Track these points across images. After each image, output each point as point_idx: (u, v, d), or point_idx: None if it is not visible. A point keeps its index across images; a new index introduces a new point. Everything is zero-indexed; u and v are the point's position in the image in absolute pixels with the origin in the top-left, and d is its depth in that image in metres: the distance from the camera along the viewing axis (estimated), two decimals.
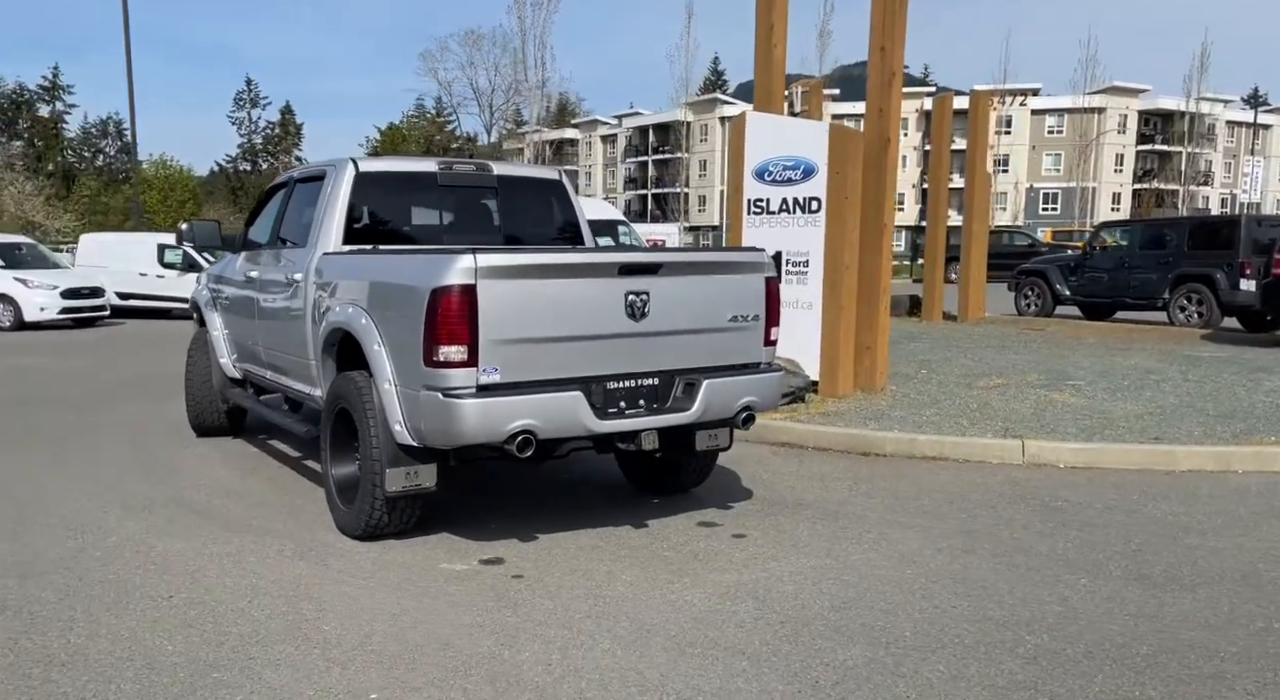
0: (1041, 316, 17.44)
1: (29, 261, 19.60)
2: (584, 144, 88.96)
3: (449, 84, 46.21)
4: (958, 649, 3.71)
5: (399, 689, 3.27)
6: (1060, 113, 69.61)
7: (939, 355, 11.74)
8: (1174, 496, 5.98)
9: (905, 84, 9.84)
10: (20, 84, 79.26)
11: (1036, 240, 34.41)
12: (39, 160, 73.07)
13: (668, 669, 3.48)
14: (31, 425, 8.25)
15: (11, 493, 5.92)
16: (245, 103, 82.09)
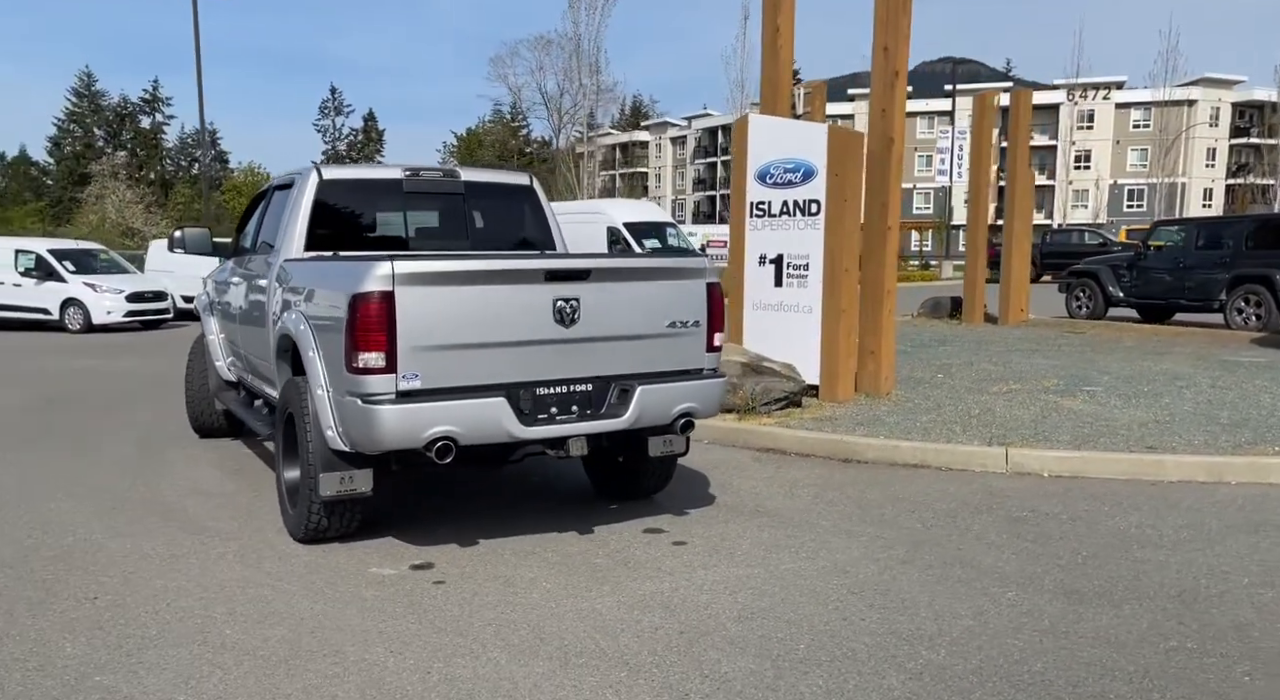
0: (1092, 319, 16.90)
1: (100, 267, 20.53)
2: (654, 146, 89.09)
3: (518, 89, 46.59)
4: (846, 663, 3.67)
5: (274, 695, 3.36)
6: (1146, 106, 67.20)
7: (962, 359, 11.49)
8: (1148, 508, 5.78)
9: (984, 79, 9.61)
10: (124, 97, 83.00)
11: (1110, 239, 33.26)
12: (140, 169, 76.42)
13: (543, 680, 3.51)
14: (51, 424, 8.66)
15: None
16: (330, 111, 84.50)
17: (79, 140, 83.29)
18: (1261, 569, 4.69)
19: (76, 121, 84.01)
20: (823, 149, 8.61)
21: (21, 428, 8.55)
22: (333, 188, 5.89)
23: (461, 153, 70.39)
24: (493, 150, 66.01)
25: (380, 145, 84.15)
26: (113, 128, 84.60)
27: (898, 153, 8.90)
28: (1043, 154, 73.78)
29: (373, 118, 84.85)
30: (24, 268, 19.96)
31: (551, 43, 42.43)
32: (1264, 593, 4.38)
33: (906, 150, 73.60)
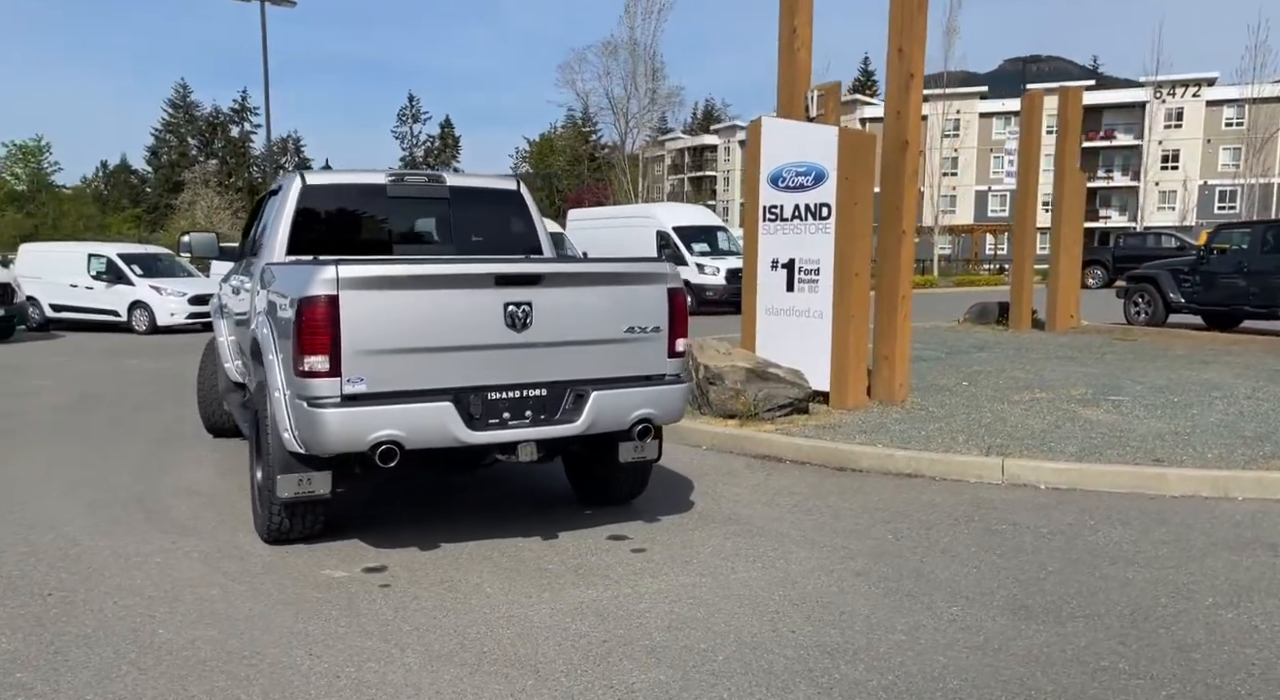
0: (1152, 326, 16.29)
1: (165, 271, 21.30)
2: (722, 149, 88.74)
3: (586, 95, 46.83)
4: (759, 676, 3.61)
5: (169, 699, 3.43)
6: (1238, 103, 64.53)
7: (994, 367, 11.21)
8: (1137, 523, 5.56)
9: (1072, 76, 9.31)
10: (216, 108, 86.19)
11: (1188, 243, 32.03)
12: (229, 176, 79.23)
13: (447, 686, 3.51)
14: (77, 422, 9.01)
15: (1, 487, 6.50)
16: (408, 118, 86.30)
17: (174, 149, 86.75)
18: (1232, 589, 4.48)
19: (172, 131, 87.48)
20: (833, 152, 8.49)
21: (48, 425, 8.91)
22: (317, 192, 6.01)
23: (534, 158, 71.16)
24: (564, 155, 66.56)
25: (456, 151, 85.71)
26: (205, 137, 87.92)
27: (913, 156, 8.72)
28: (1126, 154, 71.53)
29: (449, 124, 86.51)
30: (96, 271, 20.82)
31: (618, 48, 42.55)
32: (1224, 613, 4.18)
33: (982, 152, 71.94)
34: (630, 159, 43.71)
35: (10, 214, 63.20)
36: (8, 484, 6.60)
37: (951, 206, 68.76)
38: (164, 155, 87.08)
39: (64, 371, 13.54)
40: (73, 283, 21.01)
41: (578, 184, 60.40)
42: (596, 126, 58.47)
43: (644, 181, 41.74)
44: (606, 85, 44.69)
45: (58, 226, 60.50)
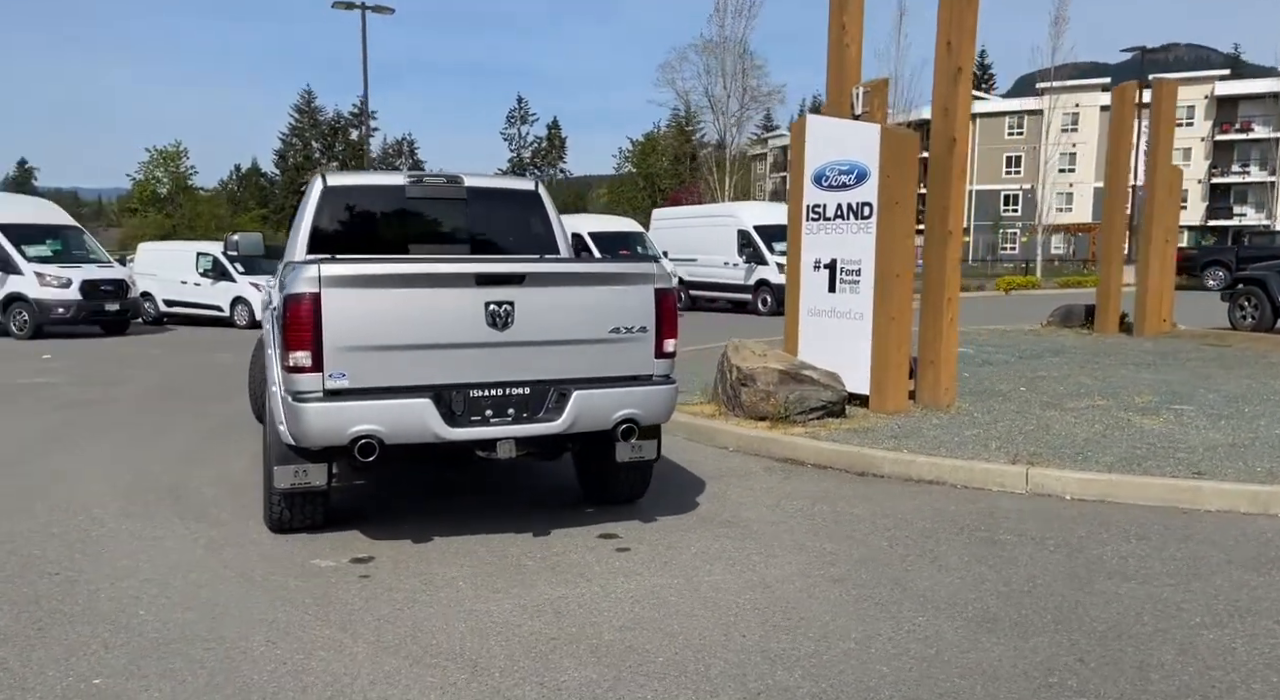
0: (1258, 331, 15.38)
1: (267, 268, 22.27)
2: None
3: (686, 94, 46.75)
4: (691, 678, 3.59)
5: (128, 676, 3.57)
6: None
7: (1062, 373, 10.80)
8: (1156, 537, 5.30)
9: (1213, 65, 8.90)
10: (338, 112, 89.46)
11: None
12: None
13: (383, 677, 3.59)
14: (148, 412, 9.51)
15: (55, 470, 6.91)
16: (516, 119, 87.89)
17: (299, 152, 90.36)
18: (1227, 609, 4.23)
19: (298, 136, 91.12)
20: (875, 150, 8.33)
21: (121, 414, 9.44)
22: (337, 193, 6.22)
23: (636, 158, 71.55)
24: (667, 155, 66.73)
25: (563, 152, 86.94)
26: (327, 140, 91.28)
27: (960, 153, 8.48)
28: (1264, 147, 67.49)
29: (556, 126, 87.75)
30: (203, 269, 21.94)
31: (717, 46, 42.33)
32: (1205, 634, 3.96)
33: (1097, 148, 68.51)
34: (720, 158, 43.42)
35: (153, 214, 67.15)
36: (63, 468, 7.03)
37: (1068, 204, 66.24)
38: (290, 158, 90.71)
39: (158, 364, 14.32)
40: (183, 279, 22.19)
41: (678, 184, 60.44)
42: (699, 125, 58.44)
43: (731, 180, 41.38)
44: (706, 84, 44.52)
45: (193, 226, 63.84)
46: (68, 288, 18.71)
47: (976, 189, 74.13)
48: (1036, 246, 43.15)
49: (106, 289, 19.34)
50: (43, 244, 19.62)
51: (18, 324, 18.72)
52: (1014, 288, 34.08)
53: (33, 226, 19.79)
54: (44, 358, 15.27)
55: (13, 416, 9.44)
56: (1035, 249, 43.66)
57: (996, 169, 74.25)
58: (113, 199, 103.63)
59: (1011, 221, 72.56)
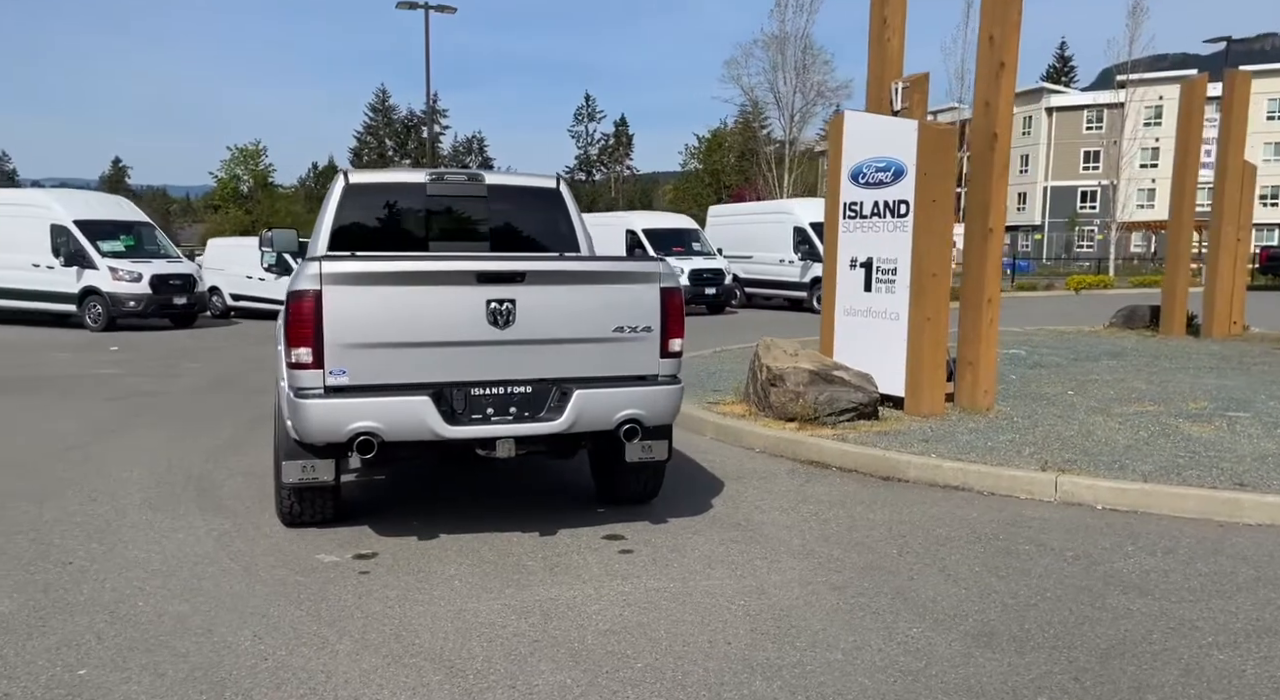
0: None
1: None
2: None
3: (751, 89, 46.36)
4: (665, 686, 3.53)
5: (112, 668, 3.62)
6: None
7: (1116, 376, 10.44)
8: (1183, 551, 5.07)
9: None
10: (411, 111, 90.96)
11: None
12: None
13: (359, 675, 3.58)
14: (196, 404, 9.75)
15: (95, 458, 7.11)
16: (584, 117, 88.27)
17: (373, 150, 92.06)
18: (1245, 629, 4.02)
19: (372, 134, 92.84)
20: (913, 146, 8.13)
21: (171, 406, 9.69)
22: (359, 191, 6.27)
23: (702, 154, 71.24)
24: (734, 151, 66.27)
25: (629, 149, 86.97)
26: (401, 138, 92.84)
27: (1002, 150, 8.24)
28: None
29: (624, 122, 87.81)
30: (267, 264, 22.41)
31: (783, 41, 41.91)
32: (1216, 655, 3.77)
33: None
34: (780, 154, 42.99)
35: (234, 211, 69.24)
36: (101, 458, 7.23)
37: (1149, 200, 64.13)
38: (364, 156, 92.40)
39: (216, 357, 14.69)
40: (248, 274, 22.72)
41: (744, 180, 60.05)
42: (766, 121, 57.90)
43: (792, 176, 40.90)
44: (772, 80, 44.12)
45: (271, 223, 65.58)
46: (138, 282, 19.32)
47: (1052, 185, 72.29)
48: (1109, 244, 41.83)
49: (175, 283, 19.92)
50: (117, 240, 20.29)
51: (92, 316, 19.40)
52: (1084, 287, 33.17)
53: (108, 222, 20.46)
54: (111, 349, 15.80)
55: (72, 406, 9.75)
56: (1109, 246, 42.34)
57: (1074, 164, 72.18)
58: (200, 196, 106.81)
59: (1089, 218, 70.52)
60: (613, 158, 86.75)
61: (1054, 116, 72.30)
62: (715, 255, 23.52)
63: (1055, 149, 71.97)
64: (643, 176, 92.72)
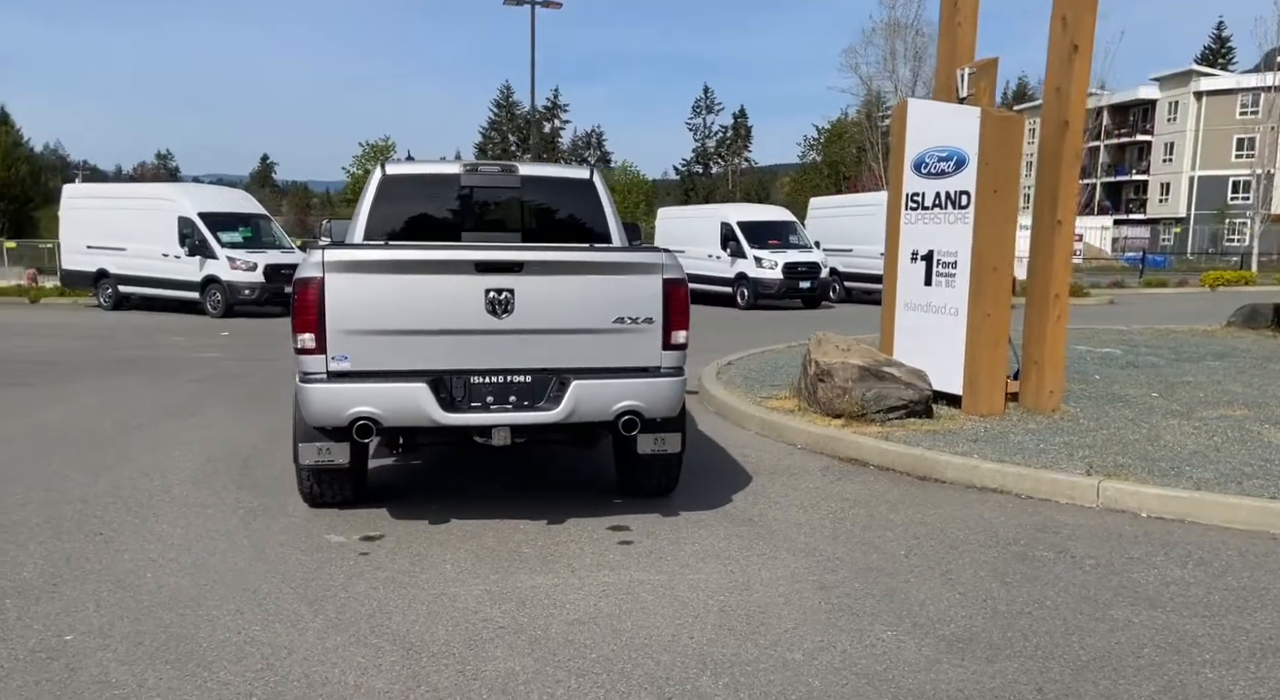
0: None
1: None
2: (1027, 131, 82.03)
3: (870, 79, 45.37)
4: (610, 678, 3.50)
5: (96, 635, 3.80)
6: None
7: (1211, 378, 9.83)
8: (1219, 563, 4.75)
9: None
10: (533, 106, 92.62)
11: None
12: None
13: (320, 652, 3.67)
14: (275, 385, 10.13)
15: (163, 435, 7.50)
16: (702, 109, 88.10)
17: (497, 145, 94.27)
18: (1250, 649, 3.74)
19: (495, 129, 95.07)
20: (975, 135, 7.82)
21: (250, 387, 10.10)
22: (395, 182, 6.42)
23: (821, 146, 70.13)
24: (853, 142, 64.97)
25: (747, 141, 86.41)
26: (523, 133, 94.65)
27: (1074, 137, 7.86)
28: None
29: (743, 114, 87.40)
30: None
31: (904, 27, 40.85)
32: (1206, 673, 3.52)
33: None
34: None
35: None
36: (167, 435, 7.63)
37: None
38: (489, 151, 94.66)
39: None
40: None
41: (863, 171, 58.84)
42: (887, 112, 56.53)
43: (883, 168, 39.75)
44: (891, 67, 43.06)
45: None
46: (253, 271, 20.29)
47: (1199, 175, 68.18)
48: (1252, 238, 39.23)
49: (286, 272, 20.81)
50: (235, 231, 21.33)
51: (212, 303, 20.47)
52: (1223, 283, 31.23)
53: (228, 215, 21.55)
54: (222, 334, 16.64)
55: (162, 385, 10.32)
56: (1251, 241, 39.72)
57: (1224, 152, 67.83)
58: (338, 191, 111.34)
59: (1240, 210, 66.26)
60: (730, 150, 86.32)
61: (1203, 101, 68.10)
62: (812, 248, 23.13)
63: (1204, 136, 67.84)
64: (761, 169, 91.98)
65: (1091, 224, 54.49)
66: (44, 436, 7.66)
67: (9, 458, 6.87)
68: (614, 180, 73.81)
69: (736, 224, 23.15)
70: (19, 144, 64.35)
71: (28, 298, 26.55)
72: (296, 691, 3.38)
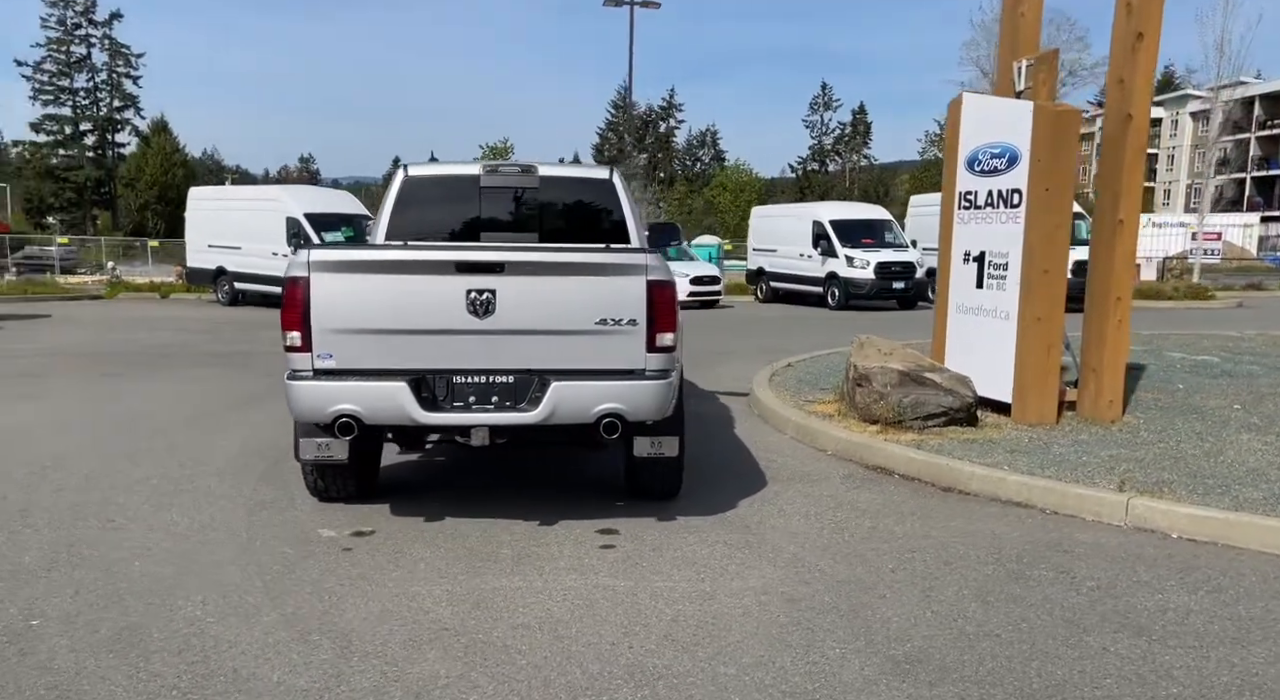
0: None
1: (670, 255, 24.51)
2: (1169, 123, 77.34)
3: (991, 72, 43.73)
4: (531, 685, 3.44)
5: (61, 621, 3.93)
6: None
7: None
8: (1236, 590, 4.40)
9: None
10: (649, 106, 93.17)
11: None
12: (654, 169, 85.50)
13: (260, 645, 3.74)
14: None
15: (220, 425, 7.79)
16: (819, 106, 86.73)
17: (613, 146, 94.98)
18: (1230, 685, 3.44)
19: (613, 130, 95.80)
20: (1028, 130, 7.43)
21: None
22: (417, 183, 6.52)
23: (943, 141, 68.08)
24: None
25: (867, 138, 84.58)
26: (639, 134, 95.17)
27: (1138, 132, 7.39)
28: None
29: (862, 111, 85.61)
30: None
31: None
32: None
33: None
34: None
35: None
36: (218, 426, 7.93)
37: None
38: (606, 151, 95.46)
39: None
40: None
41: None
42: None
43: None
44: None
45: None
46: None
47: None
48: None
49: None
50: (338, 231, 22.08)
51: None
52: None
53: (332, 215, 22.28)
54: None
55: (237, 378, 10.73)
56: None
57: None
58: None
59: None
60: (849, 147, 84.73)
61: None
62: (908, 247, 22.47)
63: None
64: (881, 166, 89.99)
65: (1234, 221, 51.35)
66: (109, 426, 8.08)
67: (66, 446, 7.25)
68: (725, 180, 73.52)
69: (828, 222, 22.68)
70: (177, 150, 68.58)
71: (159, 293, 28.20)
72: (219, 686, 3.44)
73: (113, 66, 71.33)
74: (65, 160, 70.19)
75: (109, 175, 70.91)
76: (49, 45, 69.13)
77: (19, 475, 6.34)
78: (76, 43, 70.04)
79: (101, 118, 71.43)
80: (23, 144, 72.78)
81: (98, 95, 71.74)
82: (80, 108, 71.08)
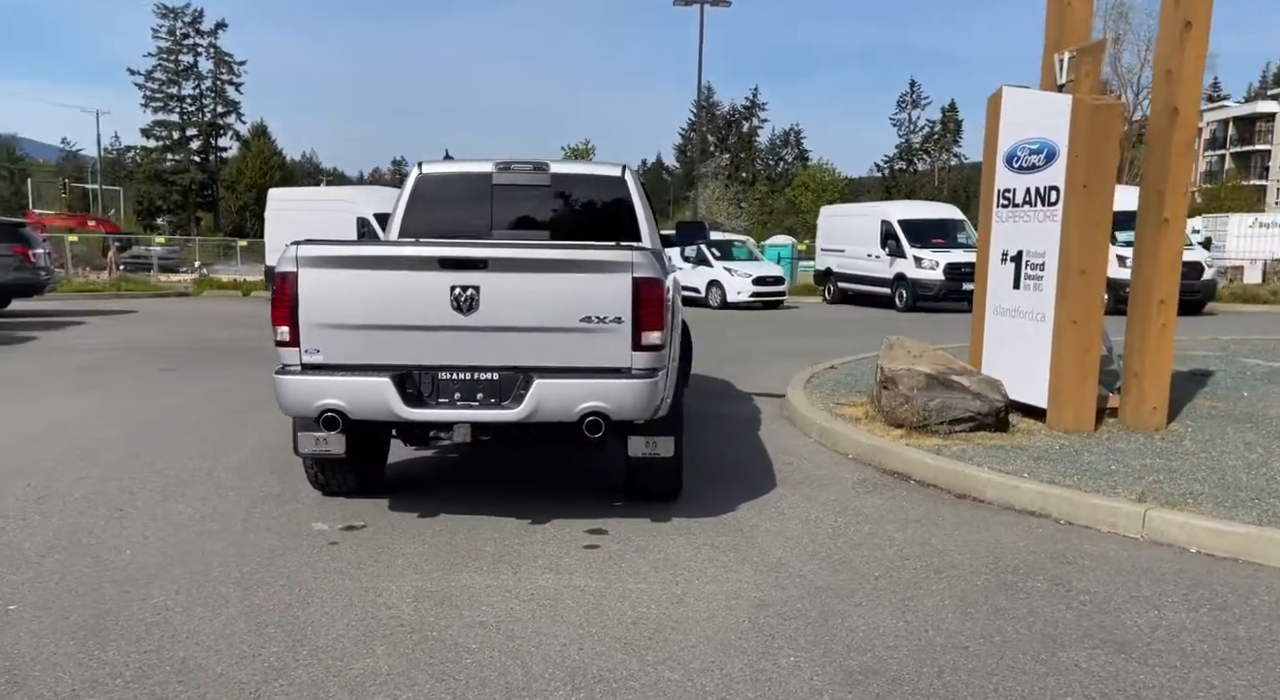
0: None
1: (738, 255, 25.11)
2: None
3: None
4: (467, 686, 3.39)
5: (36, 607, 4.02)
6: None
7: None
8: (1240, 608, 4.13)
9: None
10: (732, 105, 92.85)
11: None
12: (737, 169, 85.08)
13: (213, 638, 3.74)
14: None
15: (245, 421, 7.95)
16: (907, 104, 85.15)
17: (696, 145, 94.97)
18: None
19: (695, 130, 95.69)
20: (1066, 125, 7.13)
21: None
22: (430, 181, 6.56)
23: None
24: None
25: (957, 135, 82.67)
26: (722, 133, 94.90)
27: (1185, 127, 7.03)
28: None
29: (953, 108, 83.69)
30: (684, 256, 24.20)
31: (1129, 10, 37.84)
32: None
33: None
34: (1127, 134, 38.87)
35: None
36: (250, 421, 8.07)
37: None
38: (687, 151, 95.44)
39: None
40: None
41: None
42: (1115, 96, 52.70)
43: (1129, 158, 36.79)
44: (1115, 52, 40.02)
45: None
46: None
47: None
48: None
49: None
50: None
51: None
52: None
53: None
54: None
55: None
56: None
57: None
58: None
59: None
60: (939, 145, 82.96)
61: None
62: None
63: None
64: (972, 165, 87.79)
65: None
66: (147, 420, 8.33)
67: (101, 438, 7.50)
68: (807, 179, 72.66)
69: (897, 222, 22.18)
70: (275, 153, 71.23)
71: (241, 291, 29.18)
72: (162, 675, 3.47)
73: (217, 74, 74.24)
74: (173, 164, 73.34)
75: (212, 178, 73.86)
76: (159, 55, 72.29)
77: (48, 464, 6.57)
78: (184, 52, 73.07)
79: (206, 123, 74.43)
80: (135, 149, 76.28)
81: (203, 101, 74.80)
82: (187, 114, 74.20)
